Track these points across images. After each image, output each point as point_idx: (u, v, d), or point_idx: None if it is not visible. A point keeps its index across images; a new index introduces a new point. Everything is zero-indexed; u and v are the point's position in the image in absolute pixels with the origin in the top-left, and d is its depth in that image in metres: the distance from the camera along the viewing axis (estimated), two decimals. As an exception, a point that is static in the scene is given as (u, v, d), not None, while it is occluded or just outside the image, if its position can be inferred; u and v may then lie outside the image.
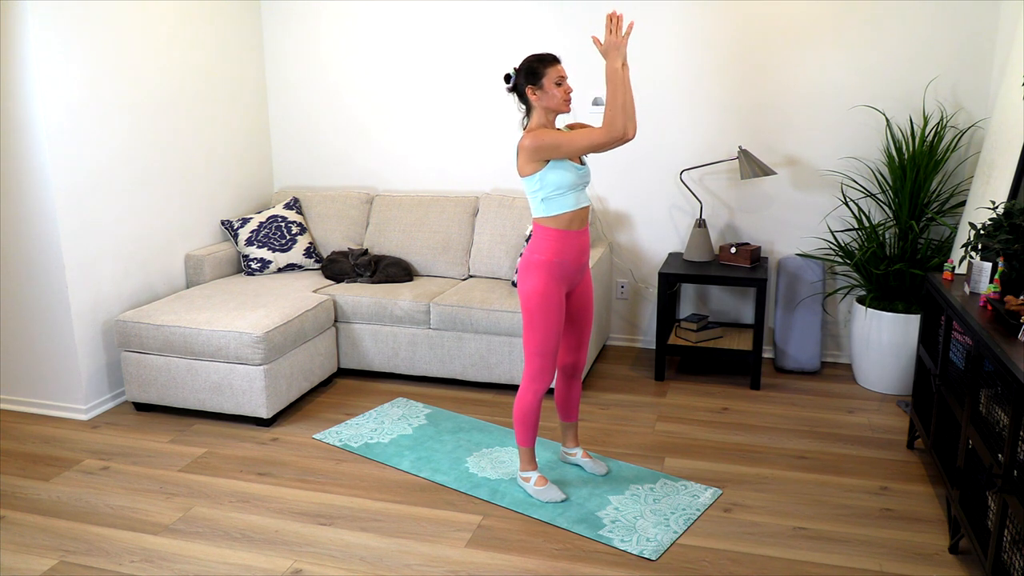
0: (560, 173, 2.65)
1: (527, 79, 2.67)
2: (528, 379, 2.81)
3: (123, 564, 2.53)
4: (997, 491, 2.18)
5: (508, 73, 2.72)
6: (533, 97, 2.68)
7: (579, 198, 2.72)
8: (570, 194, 2.69)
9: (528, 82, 2.67)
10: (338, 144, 4.79)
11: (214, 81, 4.34)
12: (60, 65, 3.37)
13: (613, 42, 2.51)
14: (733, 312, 4.44)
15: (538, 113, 2.70)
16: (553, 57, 2.68)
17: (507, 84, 2.72)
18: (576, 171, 2.69)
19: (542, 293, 2.72)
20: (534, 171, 2.66)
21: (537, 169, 2.65)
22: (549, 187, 2.66)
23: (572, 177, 2.67)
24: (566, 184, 2.67)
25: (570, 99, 2.70)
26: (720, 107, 4.19)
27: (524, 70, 2.68)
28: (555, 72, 2.65)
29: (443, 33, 4.46)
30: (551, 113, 2.71)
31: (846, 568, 2.49)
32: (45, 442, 3.40)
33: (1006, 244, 2.61)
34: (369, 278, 4.16)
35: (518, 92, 2.72)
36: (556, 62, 2.67)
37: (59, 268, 3.47)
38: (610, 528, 2.71)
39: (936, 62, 3.88)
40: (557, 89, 2.66)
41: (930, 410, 3.18)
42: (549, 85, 2.65)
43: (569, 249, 2.73)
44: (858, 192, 4.10)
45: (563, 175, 2.65)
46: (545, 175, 2.65)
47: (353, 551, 2.60)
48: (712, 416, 3.64)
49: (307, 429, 3.52)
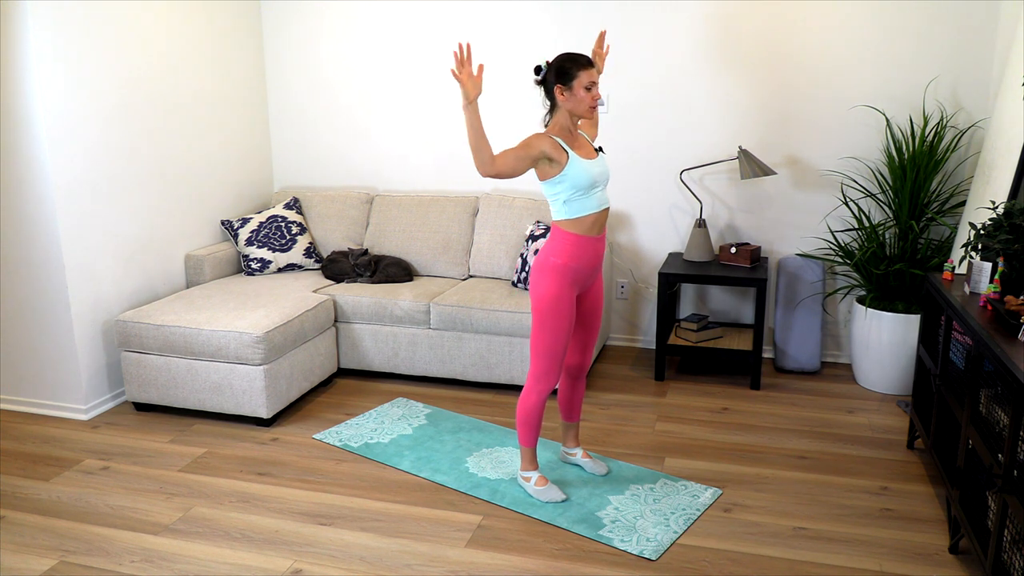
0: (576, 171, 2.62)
1: (558, 77, 2.62)
2: (533, 379, 2.81)
3: (123, 564, 2.53)
4: (997, 491, 2.18)
5: (539, 65, 2.65)
6: (561, 97, 2.63)
7: (601, 199, 2.69)
8: (591, 195, 2.66)
9: (558, 80, 2.62)
10: (338, 144, 4.79)
11: (214, 81, 4.34)
12: (60, 65, 3.37)
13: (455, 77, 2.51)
14: (733, 312, 4.44)
15: (561, 113, 2.66)
16: (587, 59, 2.63)
17: (536, 76, 2.67)
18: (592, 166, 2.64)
19: (555, 296, 2.70)
20: (544, 175, 2.64)
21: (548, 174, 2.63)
22: (568, 188, 2.63)
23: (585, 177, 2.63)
24: (584, 183, 2.63)
25: (596, 106, 2.65)
26: (720, 107, 4.19)
27: (556, 67, 2.63)
28: (587, 76, 2.60)
29: (443, 33, 4.46)
30: (574, 116, 2.67)
31: (846, 568, 2.49)
32: (45, 442, 3.40)
33: (1006, 244, 2.61)
34: (369, 278, 4.16)
35: (546, 88, 2.67)
36: (590, 65, 2.62)
37: (59, 268, 3.47)
38: (610, 528, 2.71)
39: (936, 62, 3.88)
40: (585, 94, 2.61)
41: (930, 410, 3.18)
42: (578, 88, 2.61)
43: (585, 254, 2.71)
44: (858, 192, 4.10)
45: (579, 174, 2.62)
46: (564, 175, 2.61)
47: (353, 551, 2.60)
48: (712, 416, 3.64)
49: (307, 429, 3.52)
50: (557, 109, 2.67)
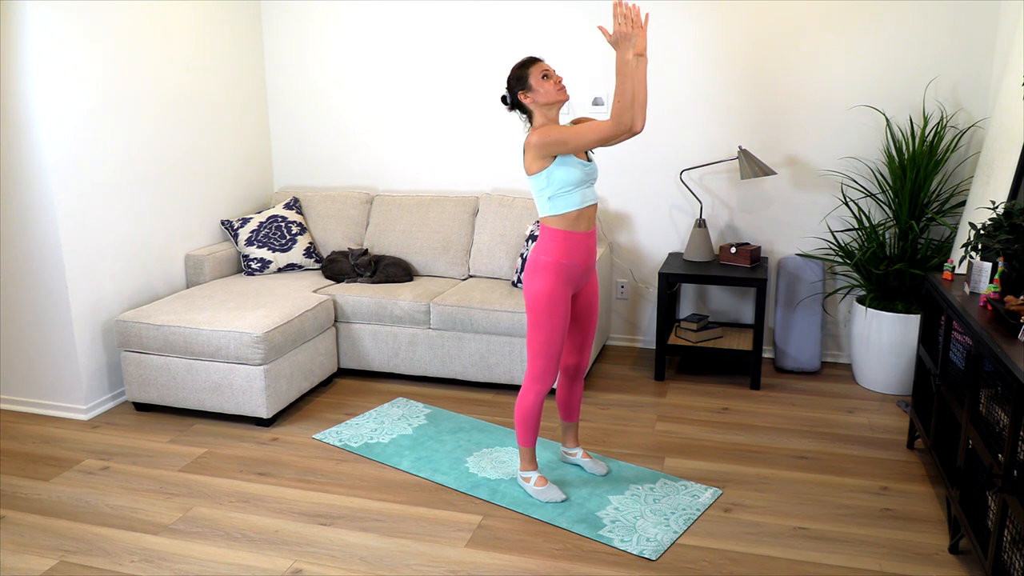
0: (567, 170, 2.64)
1: (517, 87, 2.70)
2: (530, 380, 2.81)
3: (123, 564, 2.53)
4: (997, 491, 2.18)
5: (503, 95, 2.76)
6: (528, 100, 2.69)
7: (585, 195, 2.71)
8: (577, 191, 2.68)
9: (518, 88, 2.70)
10: (338, 144, 4.79)
11: (214, 81, 4.34)
12: (60, 66, 3.37)
13: (622, 32, 2.50)
14: (733, 312, 4.44)
15: (538, 114, 2.71)
16: (531, 58, 2.72)
17: (506, 105, 2.76)
18: (583, 167, 2.68)
19: (548, 295, 2.71)
20: (541, 168, 2.65)
21: (544, 166, 2.64)
22: (556, 184, 2.65)
23: (579, 174, 2.66)
24: (573, 181, 2.65)
25: (563, 87, 2.69)
26: (720, 107, 4.19)
27: (510, 82, 2.72)
28: (538, 69, 2.68)
29: (444, 33, 4.46)
30: (551, 108, 2.71)
31: (846, 568, 2.49)
32: (45, 442, 3.40)
33: (1006, 244, 2.61)
34: (369, 278, 4.16)
35: (517, 105, 2.74)
36: (536, 61, 2.70)
37: (59, 268, 3.47)
38: (610, 528, 2.71)
39: (936, 62, 3.88)
40: (545, 83, 2.67)
41: (930, 410, 3.18)
42: (536, 83, 2.67)
43: (576, 250, 2.72)
44: (858, 192, 4.10)
45: (570, 171, 2.64)
46: (552, 172, 2.64)
47: (353, 551, 2.60)
48: (712, 416, 3.64)
49: (307, 429, 3.52)
50: (534, 114, 2.73)
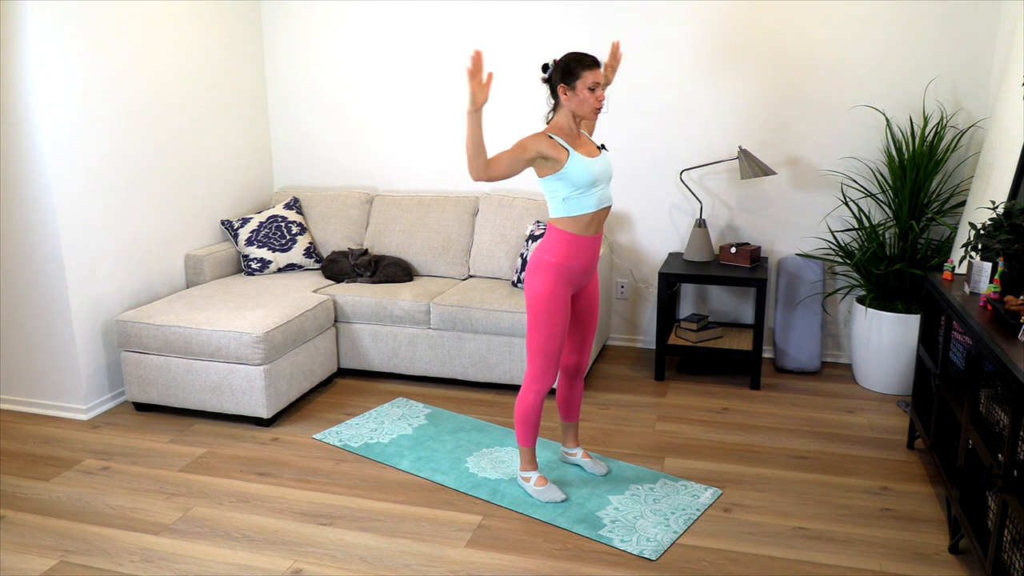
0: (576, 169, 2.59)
1: (562, 76, 2.59)
2: (530, 380, 2.81)
3: (123, 564, 2.53)
4: (997, 491, 2.18)
5: (546, 63, 2.64)
6: (564, 97, 2.60)
7: (601, 197, 2.66)
8: (592, 193, 2.63)
9: (562, 80, 2.59)
10: (338, 144, 4.78)
11: (214, 81, 4.34)
12: (60, 65, 3.37)
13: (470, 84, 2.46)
14: (733, 312, 4.44)
15: (563, 113, 2.64)
16: (593, 60, 2.59)
17: (543, 74, 2.65)
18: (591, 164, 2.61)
19: (549, 295, 2.69)
20: (544, 173, 2.62)
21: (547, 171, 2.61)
22: (568, 186, 2.60)
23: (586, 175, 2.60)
24: (584, 181, 2.60)
25: (601, 106, 2.61)
26: (720, 107, 4.19)
27: (561, 66, 2.60)
28: (591, 76, 2.57)
29: (444, 33, 4.46)
30: (577, 117, 2.64)
31: (846, 568, 2.49)
32: (45, 442, 3.40)
33: (1006, 244, 2.61)
34: (369, 278, 4.16)
35: (551, 86, 2.64)
36: (595, 66, 2.58)
37: (59, 268, 3.47)
38: (610, 528, 2.71)
39: (936, 62, 3.88)
40: (589, 95, 2.58)
41: (930, 410, 3.18)
42: (581, 88, 2.57)
43: (581, 254, 2.69)
44: (858, 192, 4.10)
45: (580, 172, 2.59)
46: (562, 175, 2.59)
47: (353, 551, 2.60)
48: (712, 416, 3.64)
49: (307, 429, 3.52)
50: (559, 108, 2.65)
